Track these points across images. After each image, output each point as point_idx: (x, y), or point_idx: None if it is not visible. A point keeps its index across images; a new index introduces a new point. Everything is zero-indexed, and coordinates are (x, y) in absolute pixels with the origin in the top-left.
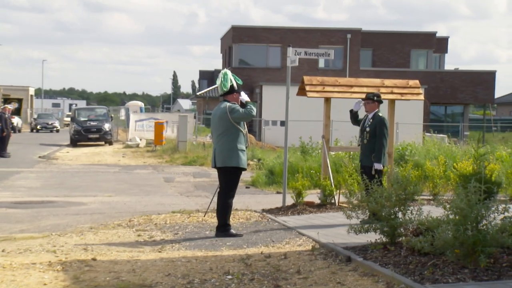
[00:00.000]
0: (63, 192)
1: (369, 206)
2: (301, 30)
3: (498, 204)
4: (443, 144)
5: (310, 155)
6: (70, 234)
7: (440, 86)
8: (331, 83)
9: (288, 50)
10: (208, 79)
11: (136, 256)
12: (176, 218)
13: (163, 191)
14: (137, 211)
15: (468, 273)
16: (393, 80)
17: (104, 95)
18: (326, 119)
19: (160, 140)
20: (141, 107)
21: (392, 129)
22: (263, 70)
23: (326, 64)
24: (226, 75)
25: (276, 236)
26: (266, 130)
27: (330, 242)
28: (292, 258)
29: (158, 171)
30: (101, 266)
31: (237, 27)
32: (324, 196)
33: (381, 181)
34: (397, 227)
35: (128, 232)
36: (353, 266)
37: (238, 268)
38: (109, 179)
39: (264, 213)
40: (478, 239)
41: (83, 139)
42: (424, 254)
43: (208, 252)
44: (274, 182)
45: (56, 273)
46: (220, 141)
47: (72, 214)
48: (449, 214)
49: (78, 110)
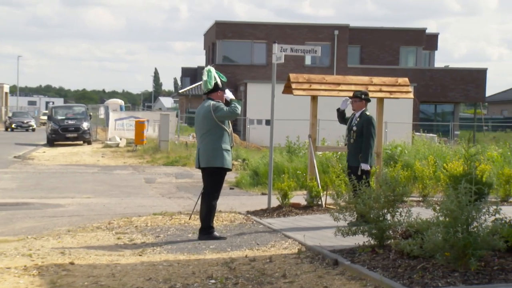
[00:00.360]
0: (39, 194)
1: (357, 208)
2: (287, 26)
3: (489, 206)
4: (433, 143)
5: (297, 155)
6: (46, 237)
7: (430, 84)
8: (318, 81)
9: (273, 46)
10: (190, 76)
11: (116, 260)
12: (157, 220)
13: (144, 193)
14: (117, 213)
15: (459, 276)
16: (382, 78)
17: (83, 92)
18: (312, 118)
19: (141, 140)
20: (121, 105)
21: (381, 129)
22: (247, 67)
23: (313, 61)
24: (210, 72)
25: (261, 239)
26: (251, 129)
27: (317, 245)
28: (278, 261)
29: (139, 172)
30: (79, 271)
31: (221, 22)
32: (311, 198)
33: (368, 182)
34: (385, 230)
35: (108, 235)
36: (341, 269)
37: (222, 272)
38: (88, 180)
39: (248, 215)
40: (469, 241)
41: (61, 139)
42: (413, 257)
43: (191, 256)
44: (259, 183)
45: (32, 278)
46: (204, 140)
47: (48, 216)
48: (439, 216)
49: (55, 108)
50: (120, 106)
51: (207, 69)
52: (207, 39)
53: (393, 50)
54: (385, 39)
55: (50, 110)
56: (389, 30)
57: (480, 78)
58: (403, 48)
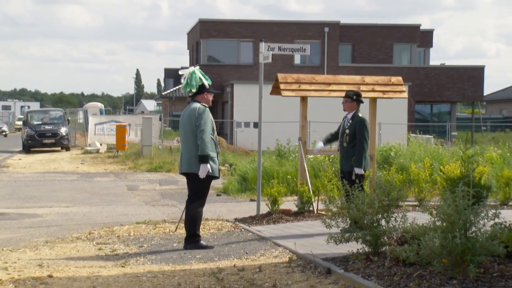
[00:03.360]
0: (15, 203)
1: (350, 214)
2: (275, 24)
3: (487, 210)
4: (429, 145)
5: (287, 159)
6: (23, 249)
7: (425, 83)
8: (307, 81)
9: (260, 45)
10: (174, 77)
11: (97, 272)
12: (140, 229)
13: (126, 200)
14: (98, 222)
15: (457, 284)
16: (375, 77)
17: (60, 96)
18: (302, 120)
19: (123, 145)
20: (101, 109)
21: (374, 130)
22: (234, 67)
23: (302, 60)
24: (194, 74)
25: (250, 247)
26: (238, 132)
27: (308, 253)
28: (268, 271)
29: (120, 179)
30: (58, 284)
31: (205, 20)
32: (302, 204)
33: (362, 186)
34: (380, 236)
35: (88, 246)
36: (334, 278)
37: (209, 283)
38: (67, 188)
39: (236, 223)
40: (467, 247)
41: (37, 145)
42: (409, 265)
43: (176, 266)
44: (248, 189)
45: None
46: (187, 145)
47: (25, 227)
48: (435, 221)
49: (31, 113)
50: (100, 110)
51: (191, 71)
52: (191, 38)
53: (386, 47)
54: (378, 36)
55: (25, 115)
56: (381, 26)
57: (478, 76)
58: (397, 46)
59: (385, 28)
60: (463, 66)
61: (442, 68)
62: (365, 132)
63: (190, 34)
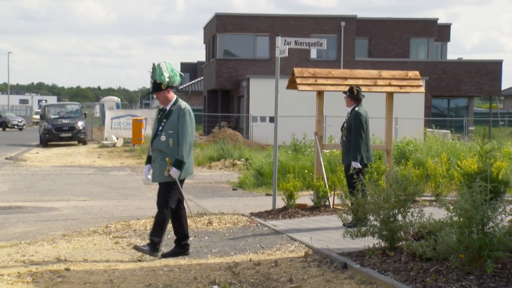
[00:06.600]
0: (32, 197)
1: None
2: (291, 18)
3: (505, 205)
4: (446, 140)
5: (303, 154)
6: (41, 242)
7: (443, 78)
8: (324, 75)
9: (277, 39)
10: (190, 72)
11: (114, 265)
12: None
13: (143, 194)
14: (114, 216)
15: (474, 279)
16: (391, 72)
17: (77, 90)
18: (318, 114)
19: (139, 139)
20: (117, 103)
21: (391, 125)
22: (250, 62)
23: (318, 54)
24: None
25: (266, 241)
26: (254, 127)
27: (324, 247)
28: (284, 265)
29: (136, 173)
30: (75, 277)
31: (221, 15)
32: (318, 198)
33: (362, 180)
34: (396, 231)
35: (105, 240)
36: (350, 273)
37: (225, 277)
38: (83, 181)
39: (252, 217)
40: (484, 242)
41: (54, 139)
42: (426, 260)
43: (192, 260)
44: (263, 184)
45: (26, 285)
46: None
47: (43, 220)
48: (452, 216)
49: (48, 107)
50: (116, 104)
51: (156, 64)
52: (207, 32)
53: (403, 42)
54: (394, 30)
55: (42, 109)
56: (398, 20)
57: (495, 70)
58: (414, 40)
59: (402, 22)
60: (481, 60)
61: (460, 62)
62: (359, 124)
63: (206, 28)
